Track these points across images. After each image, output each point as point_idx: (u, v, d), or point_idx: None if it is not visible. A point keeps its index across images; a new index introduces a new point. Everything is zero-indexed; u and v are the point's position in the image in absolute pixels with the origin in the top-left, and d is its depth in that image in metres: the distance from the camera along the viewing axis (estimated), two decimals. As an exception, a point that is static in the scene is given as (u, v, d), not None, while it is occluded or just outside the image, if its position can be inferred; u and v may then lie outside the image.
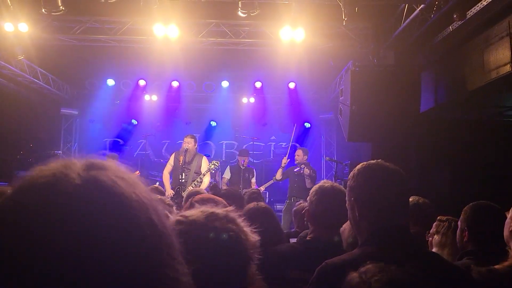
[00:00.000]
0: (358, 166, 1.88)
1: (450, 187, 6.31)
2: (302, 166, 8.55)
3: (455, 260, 2.62)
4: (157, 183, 9.37)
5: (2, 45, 7.36)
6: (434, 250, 2.91)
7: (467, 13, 5.55)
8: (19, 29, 6.67)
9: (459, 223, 2.80)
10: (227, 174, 9.06)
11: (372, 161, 1.87)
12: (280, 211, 10.81)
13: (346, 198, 1.90)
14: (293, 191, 8.58)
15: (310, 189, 8.05)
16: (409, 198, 1.81)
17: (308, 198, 2.66)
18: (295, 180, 8.65)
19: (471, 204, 2.78)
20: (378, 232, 1.73)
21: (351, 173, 1.89)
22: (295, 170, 8.72)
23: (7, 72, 8.71)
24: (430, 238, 3.04)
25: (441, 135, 6.68)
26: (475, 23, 5.74)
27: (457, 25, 5.93)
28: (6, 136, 8.87)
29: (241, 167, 8.76)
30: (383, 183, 1.80)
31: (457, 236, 2.77)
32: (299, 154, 8.83)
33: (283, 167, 8.76)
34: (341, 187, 2.65)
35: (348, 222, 2.59)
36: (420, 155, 6.99)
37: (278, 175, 8.77)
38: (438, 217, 3.06)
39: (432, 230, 3.07)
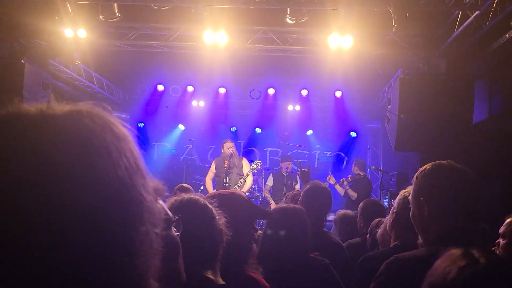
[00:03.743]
0: (428, 166, 1.86)
1: (501, 202, 6.02)
2: (342, 180, 8.31)
3: None
4: (202, 187, 9.54)
5: (62, 50, 7.77)
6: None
7: (526, 20, 5.33)
8: (78, 35, 7.01)
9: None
10: (270, 181, 9.08)
11: (443, 162, 1.86)
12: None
13: (412, 197, 1.88)
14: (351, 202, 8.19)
15: (356, 201, 7.74)
16: (479, 200, 1.79)
17: (396, 202, 2.61)
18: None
19: None
20: (447, 233, 1.72)
21: (420, 172, 1.87)
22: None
23: (65, 76, 9.18)
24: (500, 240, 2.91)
25: (494, 147, 6.40)
26: (534, 31, 5.49)
27: (514, 33, 5.69)
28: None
29: (284, 174, 8.75)
30: (454, 184, 1.78)
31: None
32: (353, 167, 8.65)
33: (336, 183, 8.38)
34: None
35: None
36: (470, 167, 6.71)
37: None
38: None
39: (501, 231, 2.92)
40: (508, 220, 2.86)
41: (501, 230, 2.86)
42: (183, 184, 5.17)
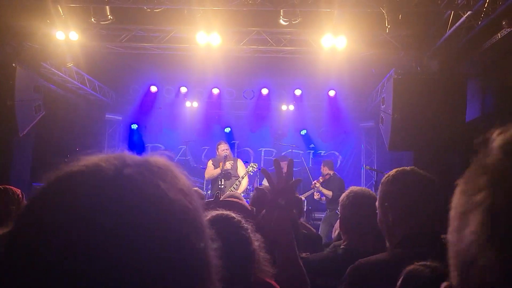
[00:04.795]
0: (392, 172, 1.93)
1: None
2: (314, 182, 8.55)
3: None
4: (196, 188, 9.51)
5: (54, 52, 7.72)
6: None
7: (517, 19, 5.35)
8: (70, 38, 6.96)
9: None
10: (265, 181, 9.08)
11: (406, 168, 1.93)
12: (319, 219, 10.75)
13: (378, 203, 1.95)
14: (329, 202, 8.54)
15: (333, 199, 8.10)
16: (441, 205, 1.84)
17: (340, 205, 2.59)
18: None
19: None
20: (410, 237, 1.78)
21: (385, 178, 1.94)
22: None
23: (57, 78, 9.12)
24: None
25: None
26: (525, 30, 5.52)
27: (506, 32, 5.72)
28: (54, 140, 9.26)
29: (280, 174, 8.77)
30: (417, 190, 1.84)
31: None
32: (322, 167, 8.90)
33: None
34: (371, 192, 2.62)
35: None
36: (464, 165, 6.74)
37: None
38: None
39: None
40: None
41: None
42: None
